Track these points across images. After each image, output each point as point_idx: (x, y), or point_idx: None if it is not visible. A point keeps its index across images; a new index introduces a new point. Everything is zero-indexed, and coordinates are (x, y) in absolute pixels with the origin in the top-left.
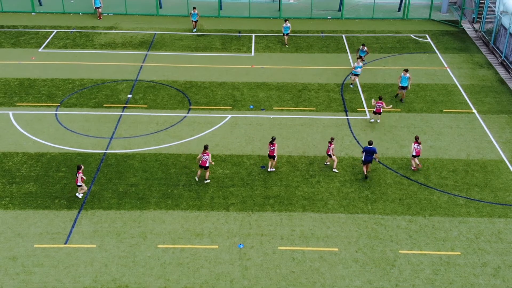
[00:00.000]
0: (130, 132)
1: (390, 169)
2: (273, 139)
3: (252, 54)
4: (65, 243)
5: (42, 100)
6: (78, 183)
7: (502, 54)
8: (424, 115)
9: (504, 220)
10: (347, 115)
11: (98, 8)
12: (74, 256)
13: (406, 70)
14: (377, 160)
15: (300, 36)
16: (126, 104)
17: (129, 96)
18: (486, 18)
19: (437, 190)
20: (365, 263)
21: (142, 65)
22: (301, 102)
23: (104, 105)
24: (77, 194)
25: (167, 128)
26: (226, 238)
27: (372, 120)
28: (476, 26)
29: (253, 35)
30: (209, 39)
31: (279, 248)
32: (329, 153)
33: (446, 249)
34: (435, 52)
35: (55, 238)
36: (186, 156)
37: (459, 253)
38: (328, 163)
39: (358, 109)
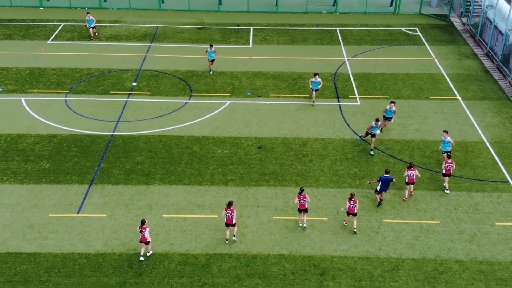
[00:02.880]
0: (136, 116)
1: (378, 149)
2: (302, 190)
3: (250, 46)
4: (78, 213)
5: (52, 88)
6: (148, 239)
7: (487, 45)
8: (411, 101)
9: (481, 194)
10: (339, 102)
11: (91, 27)
12: (86, 224)
13: (393, 102)
14: (394, 180)
15: (296, 29)
16: (131, 91)
17: (134, 84)
18: (473, 12)
19: (420, 167)
20: (352, 230)
21: (145, 56)
22: (296, 89)
23: (111, 92)
24: (141, 257)
25: (170, 113)
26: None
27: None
28: (464, 20)
29: (251, 28)
30: (209, 32)
31: (274, 217)
32: (354, 212)
33: (427, 219)
34: (424, 44)
35: (68, 209)
36: (188, 137)
37: (438, 222)
38: (346, 223)
39: (349, 96)
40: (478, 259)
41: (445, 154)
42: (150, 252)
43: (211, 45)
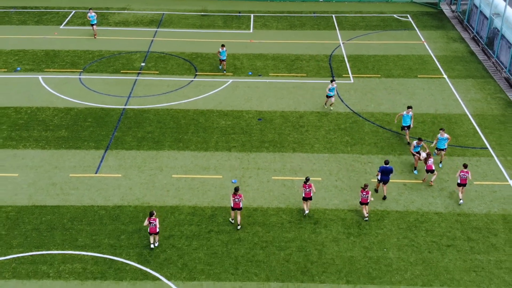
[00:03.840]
0: (145, 92)
1: (369, 121)
2: (307, 179)
3: (251, 31)
4: (96, 173)
5: (66, 67)
6: (157, 230)
7: (473, 30)
8: (401, 80)
9: (461, 158)
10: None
11: (93, 25)
12: (104, 182)
13: (410, 108)
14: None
15: (294, 16)
16: (140, 70)
17: (143, 64)
18: (462, 0)
19: (409, 136)
20: (342, 188)
21: (152, 40)
22: (294, 69)
23: (121, 71)
24: (151, 244)
25: (177, 89)
26: (228, 171)
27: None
28: (453, 7)
29: (252, 15)
30: (212, 18)
31: (273, 178)
32: (366, 202)
33: (411, 178)
34: (415, 29)
35: (87, 170)
36: (194, 111)
37: (421, 181)
38: (367, 217)
39: (343, 75)
40: (456, 212)
41: (442, 152)
42: (157, 243)
43: (222, 45)
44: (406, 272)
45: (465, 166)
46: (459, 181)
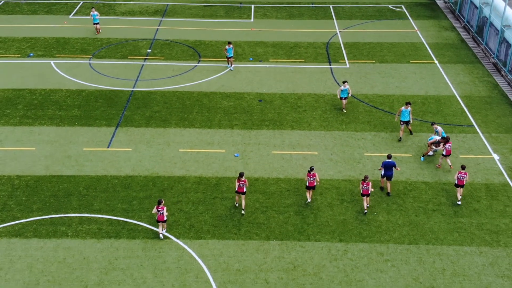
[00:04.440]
0: (152, 76)
1: (363, 102)
2: (312, 169)
3: (252, 20)
4: (108, 147)
5: (76, 53)
6: (165, 218)
7: (464, 19)
8: (394, 65)
9: (449, 134)
10: (330, 65)
11: (96, 24)
12: (115, 155)
13: (409, 103)
14: (398, 168)
15: (293, 6)
16: (146, 56)
17: (149, 50)
18: None
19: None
20: (337, 161)
21: (158, 28)
22: (293, 55)
23: (129, 57)
24: (160, 233)
25: (182, 73)
26: (231, 145)
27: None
28: None
29: (252, 5)
30: (214, 8)
31: (272, 152)
32: (368, 193)
33: (401, 152)
34: (408, 19)
35: (99, 144)
36: (198, 93)
37: (411, 155)
38: (366, 210)
39: (339, 61)
40: (442, 181)
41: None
42: (164, 231)
43: (229, 43)
44: (394, 232)
45: (463, 167)
46: (456, 182)
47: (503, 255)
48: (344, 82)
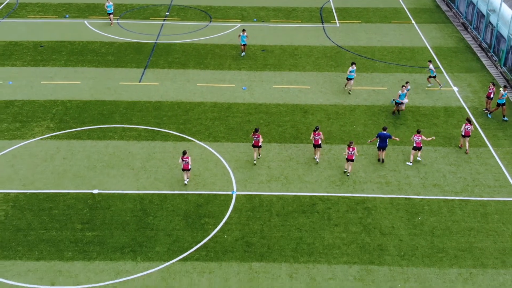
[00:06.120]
0: (171, 32)
1: (349, 51)
2: (317, 128)
3: None
4: (139, 82)
5: (105, 15)
6: (189, 167)
7: (455, 6)
8: (377, 24)
9: (420, 74)
10: (323, 24)
11: (110, 14)
12: (146, 88)
13: (407, 83)
14: (397, 139)
15: None
16: (165, 18)
17: (167, 13)
18: None
19: (377, 61)
20: (327, 93)
21: None
22: (291, 17)
23: (150, 18)
24: (185, 180)
25: (196, 30)
26: (239, 82)
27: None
28: None
29: None
30: None
31: (273, 86)
32: (352, 158)
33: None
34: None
35: (132, 79)
36: (210, 45)
37: (386, 88)
38: (349, 171)
39: (331, 21)
40: (409, 104)
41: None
42: (188, 180)
43: (243, 30)
44: (372, 137)
45: (418, 131)
46: (414, 145)
47: (453, 151)
48: (352, 64)
